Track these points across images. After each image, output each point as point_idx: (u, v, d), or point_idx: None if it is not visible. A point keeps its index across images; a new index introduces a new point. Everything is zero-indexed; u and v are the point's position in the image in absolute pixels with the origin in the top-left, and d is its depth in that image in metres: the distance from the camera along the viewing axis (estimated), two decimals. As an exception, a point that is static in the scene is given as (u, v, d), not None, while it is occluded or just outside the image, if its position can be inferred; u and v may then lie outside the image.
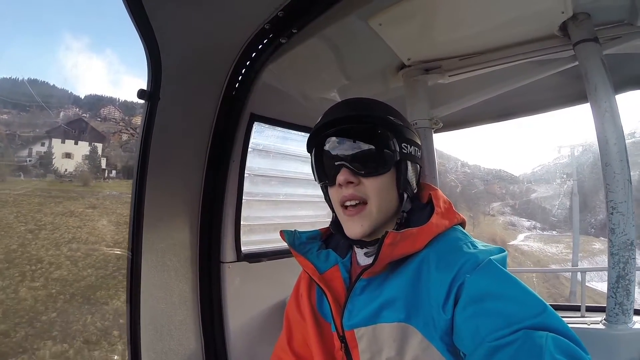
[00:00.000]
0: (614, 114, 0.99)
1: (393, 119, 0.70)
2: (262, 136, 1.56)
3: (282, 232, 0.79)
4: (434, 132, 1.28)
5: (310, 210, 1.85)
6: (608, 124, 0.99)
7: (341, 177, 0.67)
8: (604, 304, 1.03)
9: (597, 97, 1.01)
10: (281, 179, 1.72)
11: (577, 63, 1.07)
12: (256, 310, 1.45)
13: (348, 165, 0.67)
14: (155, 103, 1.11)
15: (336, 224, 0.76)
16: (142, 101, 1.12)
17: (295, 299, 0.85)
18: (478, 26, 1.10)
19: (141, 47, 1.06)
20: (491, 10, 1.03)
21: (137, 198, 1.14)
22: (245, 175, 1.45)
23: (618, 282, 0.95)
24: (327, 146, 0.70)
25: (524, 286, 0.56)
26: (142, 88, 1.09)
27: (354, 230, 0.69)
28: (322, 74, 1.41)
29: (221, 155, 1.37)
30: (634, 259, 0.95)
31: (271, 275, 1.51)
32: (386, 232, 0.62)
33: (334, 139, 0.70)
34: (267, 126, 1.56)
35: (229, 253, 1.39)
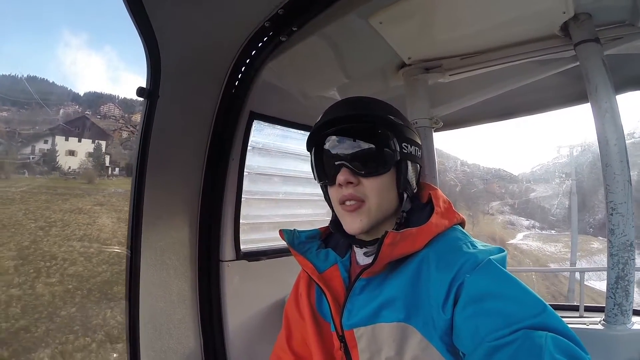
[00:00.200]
0: (614, 115, 0.99)
1: (393, 118, 0.70)
2: (261, 134, 1.56)
3: (281, 232, 0.78)
4: (434, 131, 1.28)
5: (310, 209, 1.85)
6: (608, 124, 0.99)
7: (341, 177, 0.67)
8: (602, 303, 1.03)
9: (597, 97, 1.01)
10: (280, 178, 1.72)
11: (578, 63, 1.06)
12: (255, 309, 1.46)
13: (348, 165, 0.67)
14: (154, 101, 1.11)
15: (336, 223, 0.76)
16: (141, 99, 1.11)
17: (294, 298, 0.85)
18: (479, 25, 1.10)
19: (140, 45, 1.05)
20: (492, 9, 1.03)
21: (136, 196, 1.14)
22: (245, 174, 1.45)
23: (617, 282, 0.95)
24: (327, 145, 0.70)
25: (523, 286, 0.56)
26: (141, 86, 1.09)
27: (352, 225, 0.68)
28: (322, 72, 1.41)
29: (220, 154, 1.36)
30: (633, 259, 0.95)
31: (270, 274, 1.51)
32: (386, 232, 0.61)
33: (334, 137, 0.69)
34: (267, 124, 1.56)
35: (228, 251, 1.38)
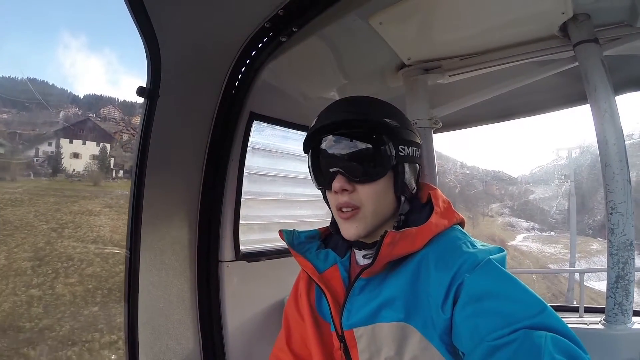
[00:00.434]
0: (613, 115, 0.99)
1: (389, 121, 0.68)
2: (261, 135, 1.56)
3: (281, 232, 0.78)
4: (434, 132, 1.28)
5: (309, 210, 1.85)
6: (608, 124, 0.99)
7: (336, 184, 0.67)
8: (602, 304, 1.03)
9: (597, 97, 1.01)
10: (280, 178, 1.72)
11: (577, 64, 1.07)
12: (254, 309, 1.45)
13: (342, 172, 0.67)
14: (154, 100, 1.11)
15: (335, 224, 0.75)
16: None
17: (294, 298, 0.85)
18: (478, 26, 1.10)
19: (141, 46, 1.05)
20: (491, 10, 1.03)
21: (136, 196, 1.14)
22: (245, 174, 1.45)
23: (617, 282, 0.95)
24: (321, 150, 0.70)
25: (523, 286, 0.56)
26: (141, 85, 1.09)
27: (348, 231, 0.68)
28: (322, 72, 1.41)
29: (220, 154, 1.36)
30: (633, 259, 0.95)
31: (270, 274, 1.50)
32: (385, 232, 0.61)
33: (327, 143, 0.69)
34: (267, 125, 1.56)
35: (227, 252, 1.38)
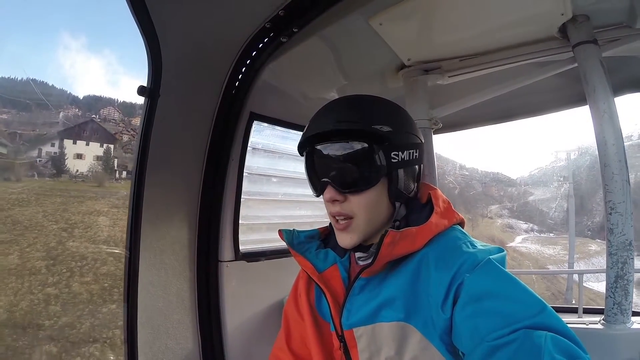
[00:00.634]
0: (612, 116, 0.99)
1: (380, 127, 0.64)
2: (261, 135, 1.56)
3: (280, 231, 0.78)
4: (434, 132, 1.29)
5: (309, 210, 1.85)
6: (607, 125, 0.99)
7: (327, 195, 0.67)
8: (600, 305, 1.03)
9: (596, 98, 1.01)
10: (280, 179, 1.72)
11: (576, 65, 1.07)
12: (254, 309, 1.45)
13: (332, 183, 0.66)
14: (155, 100, 1.11)
15: None
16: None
17: (293, 298, 0.84)
18: (478, 27, 1.11)
19: (142, 47, 1.05)
20: (491, 11, 1.03)
21: (136, 195, 1.14)
22: (244, 175, 1.45)
23: (616, 282, 0.95)
24: (314, 156, 0.69)
25: (523, 285, 0.56)
26: (142, 84, 1.09)
27: (343, 241, 0.69)
28: (322, 73, 1.41)
29: (220, 154, 1.36)
30: (632, 259, 0.95)
31: (269, 274, 1.50)
32: (386, 231, 0.61)
33: (317, 152, 0.68)
34: (267, 125, 1.56)
35: (227, 252, 1.38)
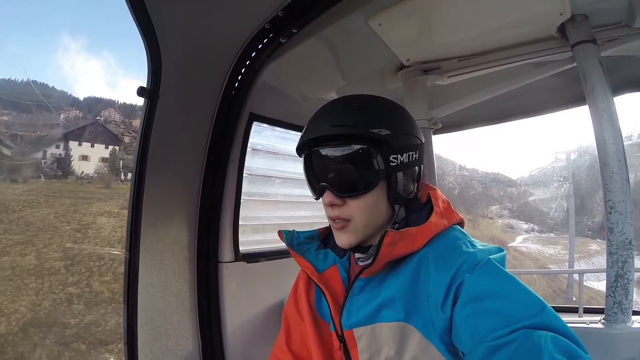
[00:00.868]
0: (611, 115, 0.99)
1: (378, 131, 0.63)
2: (261, 136, 1.56)
3: (280, 232, 0.78)
4: (433, 133, 1.29)
5: (309, 211, 1.85)
6: (606, 124, 0.99)
7: (326, 199, 0.67)
8: (601, 304, 1.03)
9: (595, 98, 1.01)
10: (280, 179, 1.72)
11: (575, 64, 1.07)
12: (254, 310, 1.45)
13: (329, 188, 0.66)
14: (154, 100, 1.11)
15: None
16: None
17: (293, 299, 0.84)
18: (477, 28, 1.11)
19: (141, 48, 1.05)
20: (490, 12, 1.04)
21: (135, 196, 1.13)
22: (244, 175, 1.45)
23: (617, 281, 0.95)
24: (311, 159, 0.69)
25: (523, 285, 0.56)
26: (142, 85, 1.09)
27: (341, 241, 0.69)
28: (321, 74, 1.41)
29: (220, 155, 1.36)
30: (632, 258, 0.95)
31: (269, 275, 1.50)
32: (386, 232, 0.61)
33: (315, 156, 0.68)
34: (266, 126, 1.56)
35: (227, 253, 1.38)
